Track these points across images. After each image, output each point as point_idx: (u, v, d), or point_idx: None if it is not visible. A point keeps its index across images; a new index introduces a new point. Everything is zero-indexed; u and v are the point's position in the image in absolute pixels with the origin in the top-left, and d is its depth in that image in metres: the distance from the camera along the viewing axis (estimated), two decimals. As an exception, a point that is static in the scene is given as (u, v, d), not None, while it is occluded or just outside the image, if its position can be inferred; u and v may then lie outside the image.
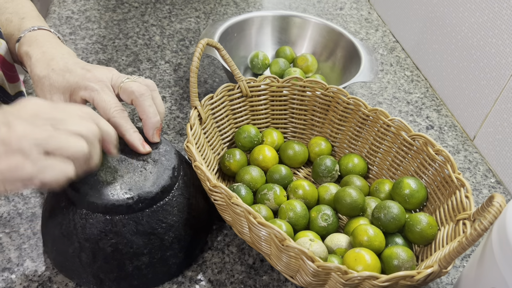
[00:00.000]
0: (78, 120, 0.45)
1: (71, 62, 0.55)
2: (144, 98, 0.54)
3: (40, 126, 0.42)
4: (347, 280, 0.46)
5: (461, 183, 0.57)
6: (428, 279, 0.47)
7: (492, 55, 0.77)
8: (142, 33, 1.00)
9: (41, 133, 0.42)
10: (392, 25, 1.10)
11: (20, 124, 0.41)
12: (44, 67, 0.55)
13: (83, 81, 0.54)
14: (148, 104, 0.54)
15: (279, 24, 0.92)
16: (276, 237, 0.48)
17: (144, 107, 0.54)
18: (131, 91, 0.54)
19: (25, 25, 0.60)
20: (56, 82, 0.54)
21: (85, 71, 0.55)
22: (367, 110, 0.68)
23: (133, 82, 0.55)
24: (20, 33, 0.59)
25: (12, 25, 0.61)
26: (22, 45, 0.58)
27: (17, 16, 0.62)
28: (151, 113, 0.54)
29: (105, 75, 0.55)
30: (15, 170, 0.41)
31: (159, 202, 0.53)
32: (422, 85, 0.95)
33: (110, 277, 0.52)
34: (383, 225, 0.58)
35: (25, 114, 0.43)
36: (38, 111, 0.43)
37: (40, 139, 0.41)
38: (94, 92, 0.53)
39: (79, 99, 0.54)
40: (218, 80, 0.90)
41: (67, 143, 0.43)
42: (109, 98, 0.53)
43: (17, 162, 0.40)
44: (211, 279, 0.57)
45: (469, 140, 0.84)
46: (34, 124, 0.42)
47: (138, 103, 0.54)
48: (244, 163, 0.68)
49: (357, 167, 0.68)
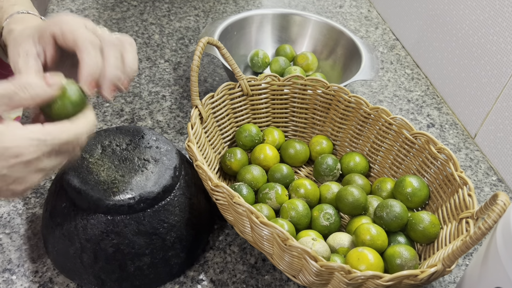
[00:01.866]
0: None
1: None
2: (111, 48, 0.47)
3: None
4: (350, 280, 0.45)
5: (464, 181, 0.56)
6: (431, 278, 0.47)
7: (493, 52, 0.77)
8: (141, 31, 0.99)
9: None
10: (392, 23, 1.10)
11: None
12: (22, 26, 0.51)
13: (55, 19, 0.48)
14: (113, 55, 0.47)
15: (279, 22, 0.92)
16: (278, 237, 0.48)
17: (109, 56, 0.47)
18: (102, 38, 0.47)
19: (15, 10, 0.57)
20: (27, 30, 0.50)
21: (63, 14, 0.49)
22: (369, 108, 0.68)
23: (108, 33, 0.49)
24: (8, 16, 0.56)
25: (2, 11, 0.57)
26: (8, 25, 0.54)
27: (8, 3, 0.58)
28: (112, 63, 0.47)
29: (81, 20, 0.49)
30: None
31: (160, 202, 0.52)
32: (422, 83, 0.95)
33: (112, 277, 0.52)
34: (385, 224, 0.58)
35: None
36: None
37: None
38: (64, 24, 0.47)
39: (48, 37, 0.48)
40: (218, 79, 0.90)
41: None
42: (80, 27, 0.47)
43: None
44: (213, 279, 0.57)
45: (470, 138, 0.84)
46: None
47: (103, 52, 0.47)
48: (245, 162, 0.68)
49: (359, 166, 0.68)
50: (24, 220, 0.60)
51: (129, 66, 0.48)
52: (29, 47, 0.48)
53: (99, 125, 0.77)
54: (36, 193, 0.64)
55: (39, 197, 0.64)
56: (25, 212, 0.61)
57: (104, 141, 0.55)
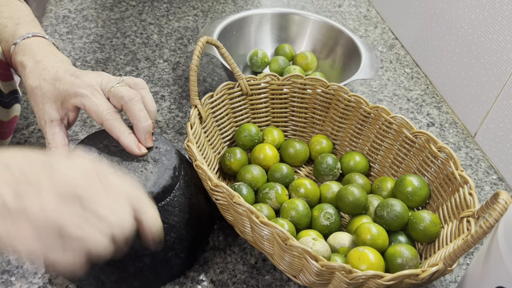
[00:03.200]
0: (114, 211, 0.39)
1: (61, 70, 0.55)
2: (134, 103, 0.53)
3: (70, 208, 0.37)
4: (351, 279, 0.45)
5: (464, 180, 0.56)
6: (433, 277, 0.46)
7: (493, 51, 0.76)
8: (140, 31, 0.99)
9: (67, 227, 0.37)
10: (391, 22, 1.10)
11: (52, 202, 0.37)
12: (36, 77, 0.54)
13: (72, 88, 0.53)
14: (138, 109, 0.53)
15: (278, 21, 0.92)
16: (279, 237, 0.48)
17: (135, 112, 0.53)
18: (120, 96, 0.53)
19: (20, 31, 0.59)
20: (48, 91, 0.53)
21: (74, 77, 0.54)
22: (369, 107, 0.67)
23: (122, 87, 0.54)
24: (15, 39, 0.59)
25: (7, 31, 0.60)
26: (17, 54, 0.58)
27: (12, 21, 0.61)
28: (142, 118, 0.53)
29: (94, 80, 0.54)
30: (27, 249, 0.37)
31: (160, 203, 0.52)
32: (422, 82, 0.95)
33: (112, 278, 0.52)
34: (386, 223, 0.57)
35: (62, 184, 0.38)
36: (77, 188, 0.38)
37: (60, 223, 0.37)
38: (84, 98, 0.52)
39: (71, 106, 0.54)
40: (217, 79, 0.90)
41: (87, 240, 0.37)
42: (100, 102, 0.52)
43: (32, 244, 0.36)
44: (213, 279, 0.57)
45: (470, 137, 0.83)
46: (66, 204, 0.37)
47: (128, 108, 0.53)
48: (245, 162, 0.67)
49: (359, 165, 0.68)
50: (23, 221, 0.60)
51: (152, 111, 0.55)
52: (53, 114, 0.54)
53: (98, 126, 0.76)
54: (35, 194, 0.64)
55: (38, 198, 0.63)
56: (24, 213, 0.61)
57: (102, 141, 0.55)
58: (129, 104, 0.53)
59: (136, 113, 0.53)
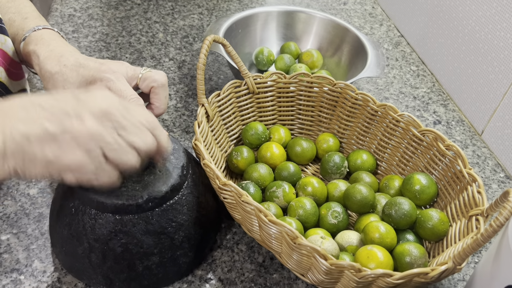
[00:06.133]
0: (139, 131, 0.45)
1: (81, 57, 0.57)
2: (165, 89, 0.58)
3: (107, 128, 0.43)
4: (360, 278, 0.45)
5: (473, 179, 0.56)
6: (442, 276, 0.46)
7: (500, 48, 0.76)
8: (146, 30, 0.99)
9: (107, 137, 0.42)
10: (397, 20, 1.09)
11: (91, 120, 0.42)
12: (56, 64, 0.56)
13: (98, 73, 0.55)
14: (164, 96, 0.58)
15: (284, 19, 0.91)
16: (287, 235, 0.48)
17: (161, 96, 0.58)
18: (153, 79, 0.57)
19: (29, 24, 0.61)
20: (71, 77, 0.55)
21: (99, 64, 0.56)
22: (376, 105, 0.67)
23: (153, 71, 0.58)
24: (25, 32, 0.60)
25: (16, 25, 0.62)
26: (28, 44, 0.59)
27: (20, 16, 0.63)
28: (164, 104, 0.58)
29: (119, 67, 0.57)
30: (78, 167, 0.42)
31: (168, 201, 0.52)
32: (428, 79, 0.95)
33: (120, 277, 0.52)
34: (394, 221, 0.57)
35: (95, 109, 0.43)
36: (107, 109, 0.43)
37: (106, 144, 0.42)
38: (109, 82, 0.55)
39: None
40: (223, 77, 0.89)
41: (125, 157, 0.44)
42: (124, 87, 0.55)
43: (81, 159, 0.42)
44: (221, 277, 0.57)
45: (477, 135, 0.83)
46: (103, 124, 0.42)
47: (156, 91, 0.57)
48: (252, 161, 0.67)
49: (366, 163, 0.68)
50: (31, 220, 0.60)
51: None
52: None
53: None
54: (43, 193, 0.64)
55: (46, 197, 0.63)
56: (32, 212, 0.61)
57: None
58: (160, 89, 0.57)
59: (162, 98, 0.58)
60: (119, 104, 0.45)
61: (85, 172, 0.43)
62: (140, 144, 0.45)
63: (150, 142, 0.46)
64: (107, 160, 0.43)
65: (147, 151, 0.46)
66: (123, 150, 0.44)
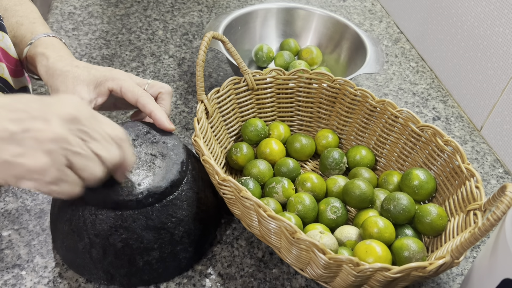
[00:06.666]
0: (105, 142, 0.44)
1: (91, 65, 0.60)
2: (170, 97, 0.61)
3: (73, 133, 0.41)
4: (359, 272, 0.45)
5: (471, 174, 0.56)
6: (440, 270, 0.47)
7: (499, 44, 0.76)
8: (145, 27, 0.99)
9: (72, 142, 0.41)
10: (396, 16, 1.10)
11: (57, 123, 0.40)
12: (67, 64, 0.58)
13: (110, 73, 0.58)
14: (169, 103, 0.61)
15: (283, 16, 0.91)
16: (286, 230, 0.48)
17: (167, 102, 0.60)
18: (161, 86, 0.60)
19: (37, 29, 0.63)
20: (81, 75, 0.57)
21: (110, 68, 0.59)
22: (375, 101, 0.67)
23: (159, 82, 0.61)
24: (34, 36, 0.62)
25: (24, 28, 0.63)
26: (36, 47, 0.60)
27: (28, 20, 0.64)
28: (168, 110, 0.60)
29: (128, 74, 0.60)
30: (37, 171, 0.39)
31: (168, 197, 0.52)
32: (427, 76, 0.95)
33: (121, 272, 0.52)
34: (392, 216, 0.58)
35: (63, 113, 0.41)
36: (76, 116, 0.42)
37: (69, 150, 0.41)
38: (121, 81, 0.57)
39: (104, 90, 0.57)
40: (222, 74, 0.90)
41: (88, 167, 0.42)
42: (135, 85, 0.58)
43: (44, 163, 0.39)
44: (221, 272, 0.57)
45: (476, 130, 0.83)
46: (69, 129, 0.41)
47: (163, 97, 0.60)
48: (251, 157, 0.68)
49: (365, 159, 0.68)
50: (32, 216, 0.61)
51: None
52: (84, 94, 0.57)
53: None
54: (44, 189, 0.64)
55: (47, 193, 0.64)
56: (33, 208, 0.62)
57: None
58: (166, 95, 0.60)
59: (167, 105, 0.60)
60: (89, 112, 0.44)
61: (46, 179, 0.40)
62: (105, 154, 0.43)
63: (115, 154, 0.45)
64: (70, 168, 0.41)
65: (112, 163, 0.45)
66: (88, 158, 0.42)
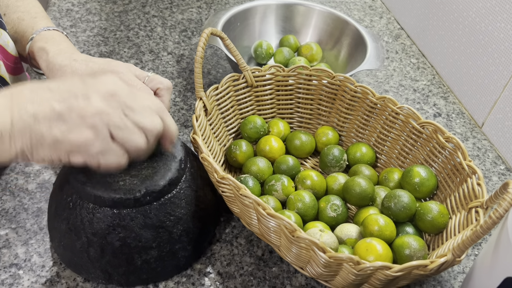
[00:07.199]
0: (147, 113, 0.46)
1: (91, 56, 0.59)
2: (169, 92, 0.59)
3: (114, 108, 0.43)
4: (359, 271, 0.45)
5: (473, 171, 0.56)
6: (441, 268, 0.46)
7: (500, 40, 0.75)
8: (144, 24, 0.99)
9: (114, 116, 0.43)
10: (397, 12, 1.09)
11: (98, 99, 0.43)
12: (66, 58, 0.57)
13: (109, 66, 0.57)
14: (168, 99, 0.59)
15: (282, 12, 0.91)
16: (286, 228, 0.48)
17: (166, 99, 0.59)
18: (160, 81, 0.58)
19: (38, 24, 0.62)
20: (79, 69, 0.57)
21: (108, 60, 0.58)
22: (375, 98, 0.67)
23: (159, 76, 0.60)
24: (34, 31, 0.61)
25: (25, 23, 0.63)
26: (37, 42, 0.60)
27: (29, 15, 0.64)
28: (168, 107, 0.59)
29: (127, 65, 0.59)
30: (84, 145, 0.42)
31: (167, 195, 0.52)
32: (428, 72, 0.94)
33: (119, 271, 0.52)
34: (393, 214, 0.57)
35: (102, 90, 0.43)
36: (115, 91, 0.44)
37: (112, 123, 0.43)
38: (119, 73, 0.56)
39: None
40: (221, 71, 0.89)
41: (132, 137, 0.44)
42: (134, 78, 0.57)
43: (88, 137, 0.42)
44: (220, 271, 0.57)
45: (478, 127, 0.83)
46: (109, 104, 0.43)
47: (162, 94, 0.58)
48: (251, 154, 0.67)
49: (365, 156, 0.67)
50: (29, 214, 0.60)
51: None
52: None
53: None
54: (41, 188, 0.64)
55: (44, 191, 0.63)
56: (31, 206, 0.61)
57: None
58: (165, 91, 0.59)
59: (166, 101, 0.59)
60: (127, 87, 0.46)
61: (93, 151, 0.43)
62: (147, 125, 0.45)
63: (157, 123, 0.46)
64: (114, 140, 0.44)
65: (154, 133, 0.46)
66: (130, 130, 0.44)
